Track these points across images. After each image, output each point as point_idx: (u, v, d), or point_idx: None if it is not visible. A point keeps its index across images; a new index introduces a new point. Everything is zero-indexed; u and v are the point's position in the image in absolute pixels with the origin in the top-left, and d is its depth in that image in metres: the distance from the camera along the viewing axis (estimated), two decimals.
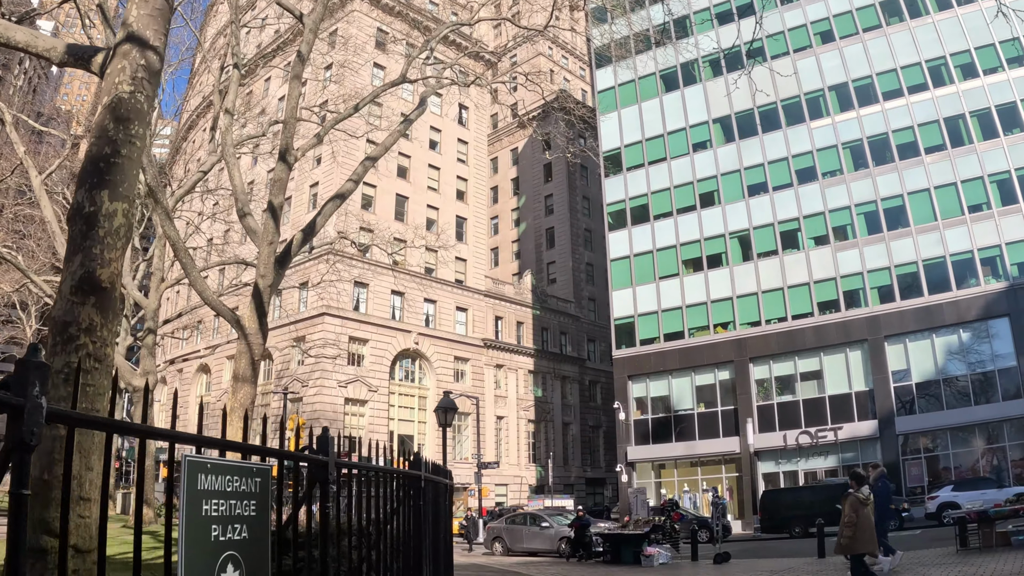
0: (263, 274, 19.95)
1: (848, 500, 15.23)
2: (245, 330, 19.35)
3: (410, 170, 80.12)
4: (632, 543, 30.34)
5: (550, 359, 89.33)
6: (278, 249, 20.96)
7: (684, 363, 61.43)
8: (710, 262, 62.13)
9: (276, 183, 20.62)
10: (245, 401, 19.26)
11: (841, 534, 15.34)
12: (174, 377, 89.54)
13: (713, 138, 64.33)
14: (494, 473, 77.31)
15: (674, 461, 61.59)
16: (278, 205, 20.34)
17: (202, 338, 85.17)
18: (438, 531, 10.29)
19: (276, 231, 20.19)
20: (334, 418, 67.11)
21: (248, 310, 19.95)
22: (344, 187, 23.51)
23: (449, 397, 23.90)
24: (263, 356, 20.42)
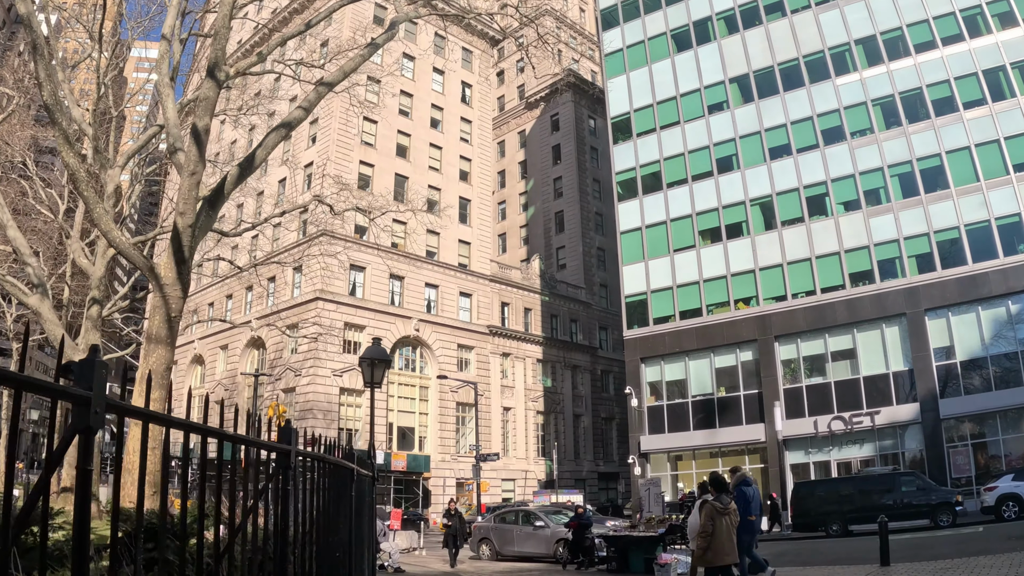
0: (182, 211, 16.95)
1: (704, 508, 14.08)
2: (160, 280, 16.65)
3: (410, 149, 73.61)
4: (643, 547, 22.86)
5: (560, 347, 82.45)
6: (205, 185, 18.57)
7: (702, 343, 54.23)
8: (729, 232, 55.00)
9: (203, 103, 17.55)
10: (159, 365, 16.60)
11: (698, 545, 14.04)
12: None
13: (730, 99, 57.30)
14: (500, 467, 70.95)
15: (692, 452, 54.56)
16: (203, 129, 17.16)
17: (197, 328, 78.89)
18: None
19: (200, 160, 17.16)
20: (328, 409, 62.12)
21: (166, 257, 17.14)
22: (292, 115, 20.16)
23: (380, 346, 16.82)
24: (181, 311, 17.33)
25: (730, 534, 13.84)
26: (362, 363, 16.41)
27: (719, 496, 14.07)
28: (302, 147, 70.92)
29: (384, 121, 71.32)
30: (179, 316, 17.33)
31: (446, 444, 69.03)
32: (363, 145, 69.70)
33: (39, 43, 16.65)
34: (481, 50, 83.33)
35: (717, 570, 14.00)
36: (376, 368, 16.25)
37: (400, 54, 74.89)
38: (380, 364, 16.36)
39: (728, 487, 14.94)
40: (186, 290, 17.37)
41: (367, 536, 9.95)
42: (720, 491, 14.21)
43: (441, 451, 68.28)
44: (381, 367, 16.39)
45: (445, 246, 74.21)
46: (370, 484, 10.91)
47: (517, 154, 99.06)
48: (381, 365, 16.38)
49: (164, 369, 16.79)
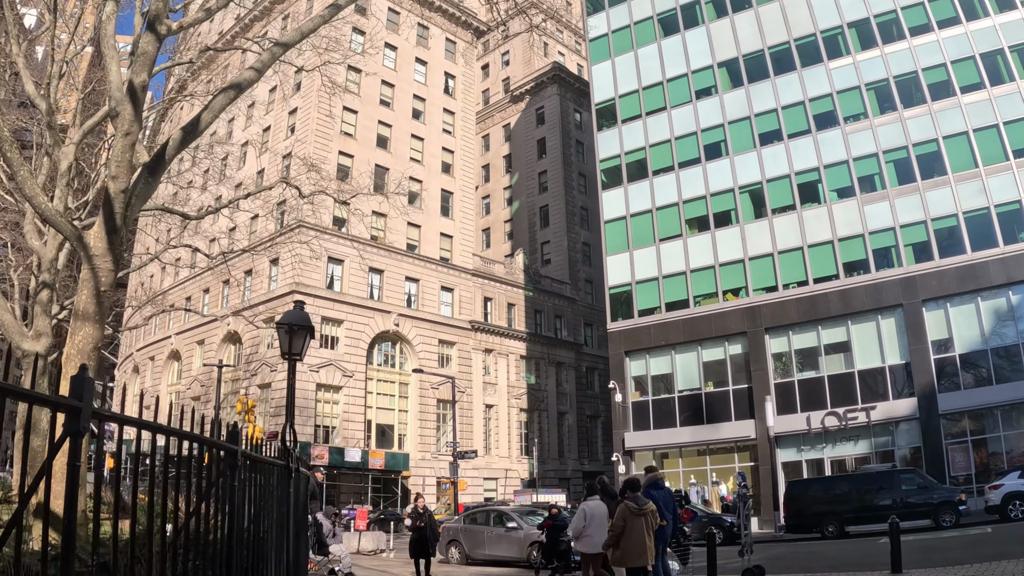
0: (115, 174, 14.92)
1: (619, 508, 13.76)
2: (89, 250, 14.64)
3: (391, 140, 70.48)
4: None
5: (544, 344, 79.30)
6: (141, 148, 16.59)
7: (689, 336, 51.20)
8: (718, 220, 51.97)
9: (140, 58, 15.65)
10: (85, 345, 14.51)
11: (604, 543, 13.96)
12: (146, 364, 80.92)
13: (719, 83, 54.33)
14: (482, 465, 68.06)
15: (679, 449, 51.53)
16: (140, 86, 15.46)
17: (174, 323, 76.19)
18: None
19: (135, 120, 15.29)
20: (305, 405, 58.69)
21: (96, 226, 15.04)
22: (242, 76, 17.97)
23: (302, 311, 13.63)
24: (112, 285, 15.26)
25: (643, 536, 13.50)
26: (279, 330, 13.04)
27: (635, 496, 13.77)
28: (281, 137, 67.99)
29: (364, 111, 68.71)
30: (109, 290, 15.15)
31: (426, 442, 66.02)
32: (343, 135, 66.80)
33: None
34: (466, 41, 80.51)
35: (630, 572, 13.71)
36: (295, 336, 12.98)
37: (382, 43, 71.98)
38: (300, 331, 13.06)
39: (639, 487, 14.48)
40: (118, 261, 15.32)
41: (290, 534, 9.10)
42: (635, 491, 13.96)
43: (421, 449, 65.28)
44: (302, 335, 13.10)
45: (426, 239, 71.17)
46: (302, 480, 10.24)
47: (502, 148, 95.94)
48: (302, 332, 13.09)
49: (91, 349, 14.62)
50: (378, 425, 64.40)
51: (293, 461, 9.30)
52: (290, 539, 9.24)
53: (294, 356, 12.91)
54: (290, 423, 11.95)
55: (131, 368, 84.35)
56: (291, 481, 9.23)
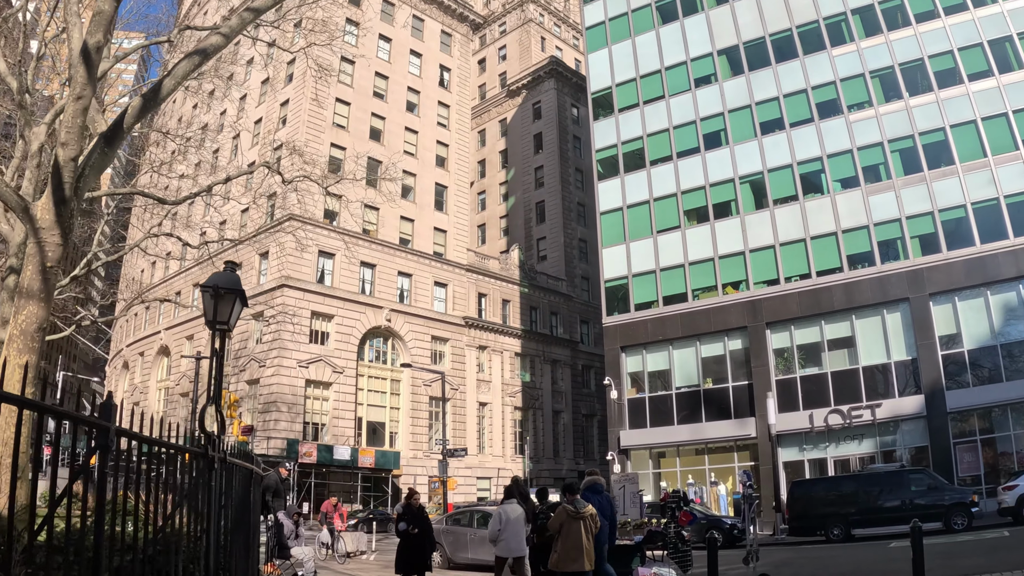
0: (64, 141, 13.02)
1: (557, 510, 13.55)
2: (36, 223, 13.13)
3: (384, 132, 68.51)
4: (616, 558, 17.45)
5: (539, 341, 77.14)
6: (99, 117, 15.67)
7: (687, 331, 48.84)
8: (717, 211, 49.63)
9: (96, 17, 13.40)
10: (29, 326, 12.68)
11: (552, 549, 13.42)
12: (136, 360, 78.86)
13: (719, 71, 52.03)
14: (475, 464, 66.11)
15: (676, 448, 49.15)
16: (94, 47, 13.17)
17: (163, 318, 74.36)
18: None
19: (88, 83, 13.17)
20: (293, 402, 57.39)
21: (44, 197, 13.48)
22: (208, 41, 15.59)
23: (232, 273, 11.02)
24: (60, 260, 13.33)
25: (580, 539, 13.12)
26: (203, 294, 10.41)
27: (574, 499, 13.43)
28: (272, 128, 66.04)
29: (357, 103, 66.92)
30: (56, 266, 13.35)
31: (418, 440, 63.92)
32: (335, 127, 64.89)
33: None
34: (461, 34, 78.55)
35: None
36: (222, 302, 10.49)
37: (376, 35, 70.12)
38: (228, 296, 10.54)
39: (577, 491, 14.04)
40: (67, 236, 13.43)
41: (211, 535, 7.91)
42: (574, 495, 13.57)
43: (413, 447, 63.20)
44: (229, 300, 10.56)
45: (420, 234, 69.16)
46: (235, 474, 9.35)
47: (498, 143, 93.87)
48: (229, 298, 10.52)
49: (35, 329, 12.83)
50: (369, 422, 62.49)
51: (216, 450, 7.94)
52: (210, 540, 7.84)
53: (220, 325, 10.50)
54: (215, 403, 9.85)
55: (121, 364, 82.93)
56: (211, 474, 7.84)
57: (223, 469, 8.52)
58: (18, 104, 23.10)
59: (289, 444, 53.90)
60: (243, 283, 43.44)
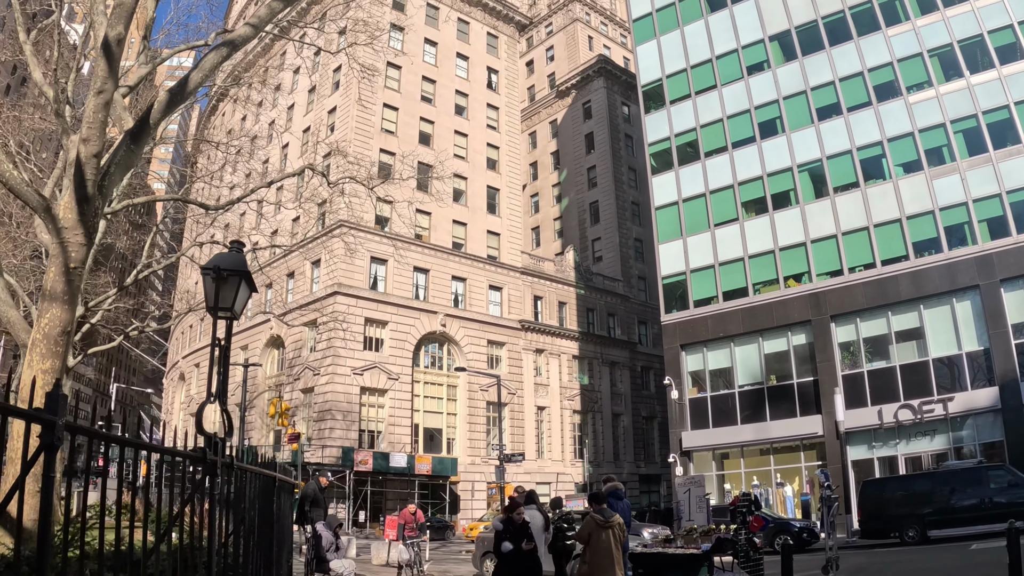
0: (86, 137, 12.63)
1: (585, 519, 13.49)
2: (58, 222, 12.61)
3: (434, 136, 67.45)
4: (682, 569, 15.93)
5: (597, 343, 75.46)
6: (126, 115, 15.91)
7: (749, 327, 46.95)
8: (776, 202, 47.72)
9: (116, 10, 13.08)
10: (52, 329, 12.23)
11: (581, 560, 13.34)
12: (191, 372, 79.13)
13: (771, 58, 50.17)
14: (534, 469, 64.70)
15: (740, 449, 47.26)
16: (114, 39, 12.94)
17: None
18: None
19: (109, 76, 12.90)
20: (348, 409, 56.54)
21: (67, 195, 12.97)
22: (238, 31, 15.48)
23: (238, 253, 9.42)
24: (85, 261, 13.01)
25: (611, 548, 12.91)
26: (204, 277, 8.81)
27: (601, 508, 13.23)
28: (321, 136, 65.18)
29: (405, 107, 66.20)
30: (81, 267, 12.97)
31: (476, 446, 62.68)
32: (383, 132, 64.07)
33: None
34: (507, 35, 77.34)
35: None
36: (225, 285, 9.07)
37: (421, 39, 69.24)
38: (232, 279, 9.09)
39: (604, 500, 13.98)
40: (91, 235, 13.10)
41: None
42: (600, 503, 13.43)
43: (470, 453, 61.98)
44: (234, 283, 9.10)
45: (473, 237, 67.94)
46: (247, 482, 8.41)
47: (549, 144, 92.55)
48: (233, 280, 9.07)
49: (59, 333, 12.43)
50: (426, 429, 61.42)
51: (219, 454, 7.00)
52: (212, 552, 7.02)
53: (223, 312, 9.08)
54: (220, 402, 8.58)
55: (178, 376, 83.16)
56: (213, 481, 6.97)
57: (230, 476, 7.50)
58: (55, 112, 22.41)
59: (344, 452, 53.00)
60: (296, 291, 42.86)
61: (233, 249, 9.80)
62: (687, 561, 15.96)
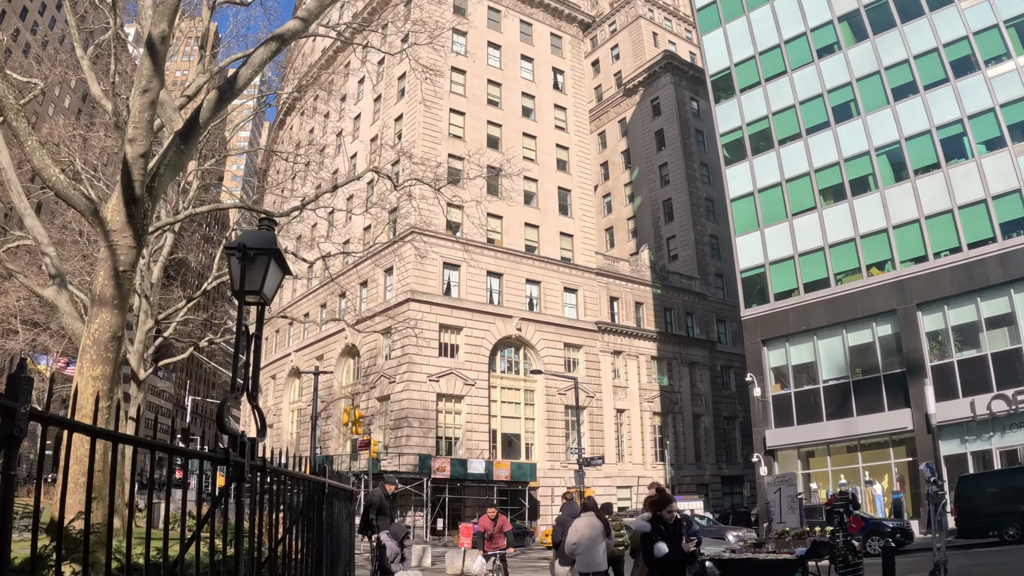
0: (132, 137, 12.34)
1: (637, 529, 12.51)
2: (106, 225, 12.28)
3: (502, 140, 66.70)
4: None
5: (675, 343, 73.84)
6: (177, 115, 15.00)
7: (832, 318, 45.09)
8: (854, 188, 45.80)
9: (160, 7, 12.86)
10: (102, 334, 11.93)
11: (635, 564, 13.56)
12: (268, 383, 79.40)
13: (841, 39, 48.35)
14: (615, 473, 63.50)
15: (826, 446, 45.25)
16: (158, 37, 12.68)
17: (293, 340, 74.52)
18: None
19: (154, 75, 12.60)
20: (425, 417, 56.01)
21: (114, 198, 12.66)
22: (287, 26, 15.28)
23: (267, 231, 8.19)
24: (134, 265, 12.64)
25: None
26: (230, 258, 7.47)
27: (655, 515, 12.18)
28: (387, 147, 64.94)
29: (472, 112, 65.63)
30: (131, 270, 12.73)
31: (555, 451, 61.57)
32: (451, 138, 63.51)
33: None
34: (571, 35, 76.28)
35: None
36: (252, 265, 7.83)
37: (485, 43, 68.58)
38: (260, 258, 7.84)
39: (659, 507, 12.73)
40: (140, 237, 12.75)
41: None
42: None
43: (549, 458, 60.90)
44: (262, 264, 7.87)
45: (546, 239, 66.86)
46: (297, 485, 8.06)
47: (619, 144, 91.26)
48: (262, 260, 7.86)
49: (109, 338, 12.21)
50: (503, 434, 60.64)
51: (244, 455, 6.31)
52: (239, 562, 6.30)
53: (249, 296, 7.88)
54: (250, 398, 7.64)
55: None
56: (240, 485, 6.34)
57: (260, 479, 6.91)
58: (114, 125, 22.08)
59: (421, 460, 52.33)
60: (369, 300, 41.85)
61: (263, 226, 8.66)
62: (780, 567, 14.67)
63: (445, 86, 63.83)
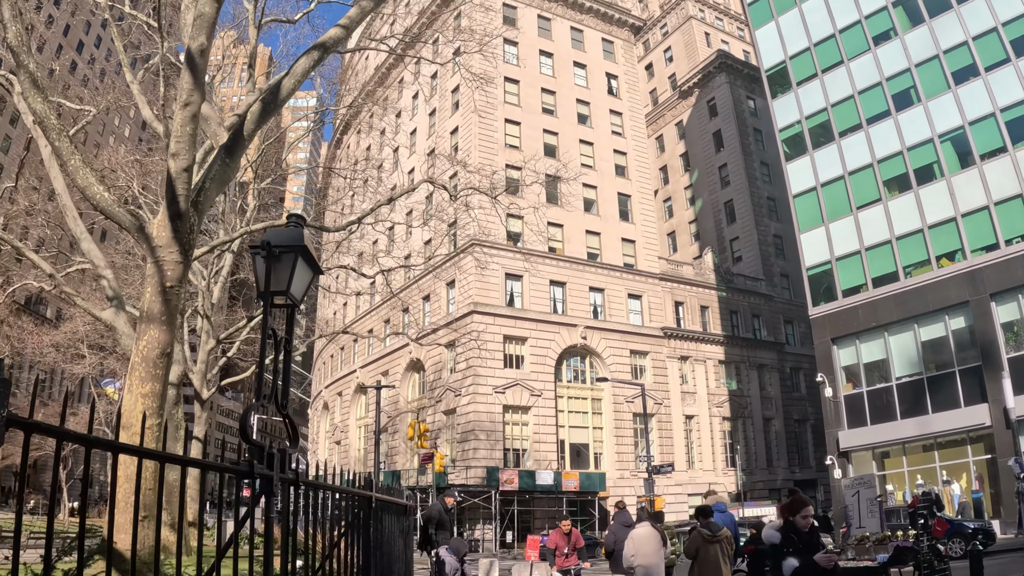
0: (175, 152, 12.20)
1: (692, 534, 12.91)
2: (152, 241, 12.16)
3: (558, 148, 66.17)
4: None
5: (743, 346, 72.55)
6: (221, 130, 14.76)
7: (902, 313, 43.58)
8: (919, 177, 44.30)
9: (198, 20, 12.75)
10: (150, 352, 11.79)
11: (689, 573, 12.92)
12: (335, 400, 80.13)
13: (897, 24, 46.90)
14: (685, 481, 62.49)
15: (901, 446, 43.61)
16: (197, 50, 12.53)
17: (358, 357, 74.74)
18: None
19: (195, 88, 12.44)
20: (492, 429, 55.57)
21: (160, 214, 12.55)
22: (329, 34, 15.00)
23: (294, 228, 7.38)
24: (182, 280, 12.34)
25: (719, 563, 12.53)
26: (255, 257, 6.75)
27: (708, 523, 12.79)
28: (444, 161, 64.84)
29: (528, 121, 65.42)
30: (178, 285, 12.53)
31: (624, 459, 60.71)
32: (508, 148, 63.26)
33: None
34: (623, 39, 75.61)
35: None
36: (278, 264, 7.13)
37: (536, 52, 68.21)
38: (286, 256, 7.15)
39: (711, 514, 13.44)
40: (187, 252, 12.61)
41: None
42: (707, 517, 12.99)
43: (619, 467, 60.05)
44: (288, 262, 7.17)
45: (607, 246, 66.14)
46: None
47: (677, 147, 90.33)
48: (288, 258, 7.15)
49: (158, 355, 12.07)
50: (572, 444, 59.93)
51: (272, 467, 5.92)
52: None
53: (275, 297, 7.17)
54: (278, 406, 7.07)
55: (321, 406, 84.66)
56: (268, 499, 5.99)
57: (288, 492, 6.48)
58: (166, 148, 22.00)
59: (489, 472, 51.79)
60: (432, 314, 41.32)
61: (290, 223, 7.96)
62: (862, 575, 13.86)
63: (499, 96, 63.63)
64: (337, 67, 50.28)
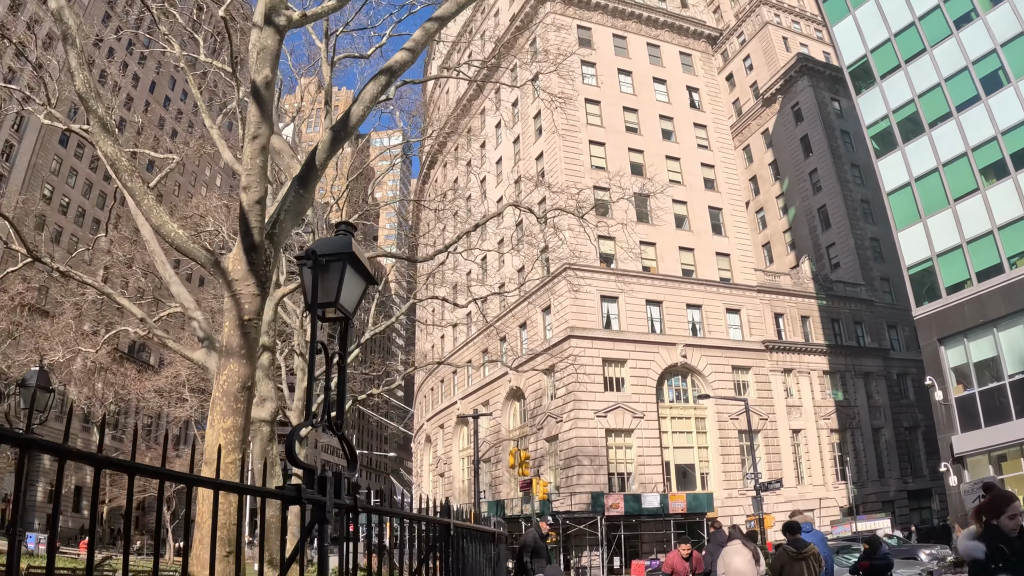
0: (246, 184, 12.40)
1: (778, 551, 13.34)
2: (228, 275, 12.26)
3: (645, 165, 65.40)
4: None
5: (847, 354, 70.45)
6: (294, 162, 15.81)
7: (1011, 307, 41.39)
8: (1017, 161, 42.09)
9: (261, 54, 13.15)
10: (231, 386, 11.79)
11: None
12: (437, 433, 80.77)
13: (977, 5, 44.89)
14: (795, 496, 60.61)
15: (1019, 447, 41.11)
16: (262, 84, 12.96)
17: (458, 389, 75.30)
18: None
19: (262, 121, 12.74)
20: (595, 454, 55.04)
21: (236, 247, 12.64)
22: (395, 58, 14.89)
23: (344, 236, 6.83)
24: (260, 313, 12.33)
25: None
26: (302, 268, 6.29)
27: (794, 539, 12.71)
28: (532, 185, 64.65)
29: (612, 141, 65.35)
30: (256, 318, 12.52)
31: (731, 478, 59.28)
32: (594, 169, 62.88)
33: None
34: (700, 51, 74.88)
35: None
36: (325, 274, 6.66)
37: (615, 71, 67.85)
38: (334, 265, 6.72)
39: (799, 530, 13.34)
40: (264, 285, 12.61)
41: None
42: (794, 534, 12.92)
43: (726, 486, 58.61)
44: (336, 272, 6.68)
45: (702, 261, 65.21)
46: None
47: (765, 156, 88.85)
48: (336, 267, 6.71)
49: (239, 389, 12.10)
50: (677, 466, 58.84)
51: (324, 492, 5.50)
52: None
53: (324, 309, 6.73)
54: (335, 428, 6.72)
55: (424, 439, 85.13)
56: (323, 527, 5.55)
57: (347, 520, 6.05)
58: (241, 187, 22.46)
59: (594, 498, 51.05)
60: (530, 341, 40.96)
61: (340, 230, 7.48)
62: None
63: (581, 118, 63.56)
64: (417, 100, 50.62)
